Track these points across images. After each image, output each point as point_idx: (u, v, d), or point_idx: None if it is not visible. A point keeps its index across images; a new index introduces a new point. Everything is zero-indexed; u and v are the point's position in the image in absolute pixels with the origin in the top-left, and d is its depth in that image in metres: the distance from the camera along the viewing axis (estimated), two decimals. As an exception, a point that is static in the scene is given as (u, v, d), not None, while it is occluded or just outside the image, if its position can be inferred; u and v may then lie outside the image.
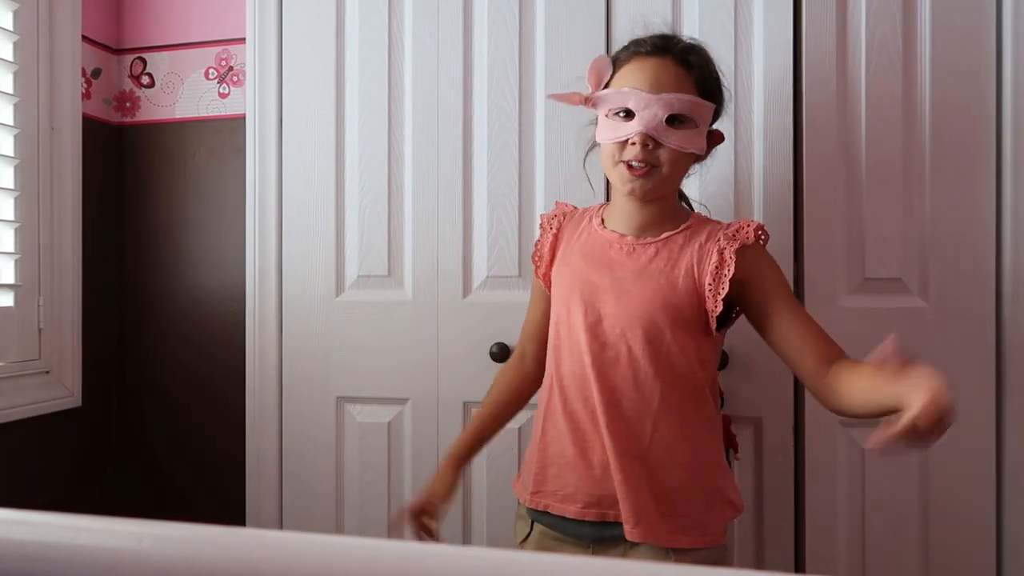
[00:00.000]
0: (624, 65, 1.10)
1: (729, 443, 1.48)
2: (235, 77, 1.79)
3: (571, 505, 1.12)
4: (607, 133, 1.09)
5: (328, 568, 0.38)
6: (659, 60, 1.07)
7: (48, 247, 1.66)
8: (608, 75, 1.10)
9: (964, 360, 1.46)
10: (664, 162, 1.07)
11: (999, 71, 1.45)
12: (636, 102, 1.05)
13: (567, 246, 1.20)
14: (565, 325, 1.14)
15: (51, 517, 0.43)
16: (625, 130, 1.06)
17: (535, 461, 1.16)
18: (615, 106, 1.08)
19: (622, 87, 1.07)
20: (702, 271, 1.08)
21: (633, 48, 1.11)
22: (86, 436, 1.78)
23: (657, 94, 1.04)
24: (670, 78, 1.06)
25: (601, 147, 1.12)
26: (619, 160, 1.08)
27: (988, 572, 1.45)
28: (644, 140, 1.05)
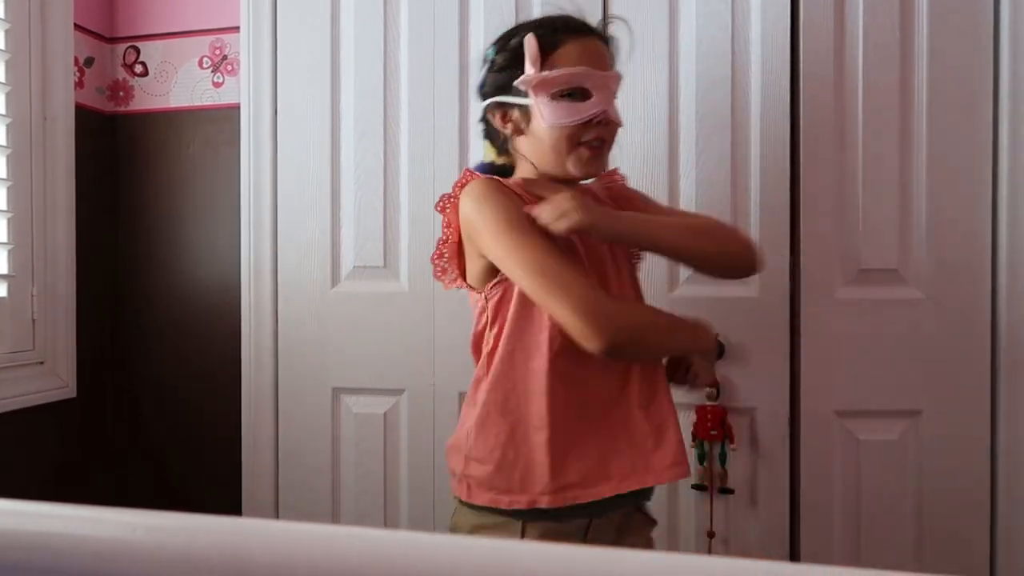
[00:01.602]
0: (562, 45, 1.07)
1: (725, 433, 1.48)
2: (229, 66, 1.77)
3: (604, 485, 1.05)
4: (564, 115, 1.05)
5: (324, 558, 0.38)
6: (596, 40, 1.10)
7: (41, 237, 1.65)
8: (539, 56, 1.06)
9: (960, 350, 1.47)
10: (612, 136, 1.11)
11: (996, 63, 1.45)
12: (594, 81, 1.06)
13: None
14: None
15: (45, 507, 0.42)
16: (587, 109, 1.06)
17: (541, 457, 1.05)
18: (567, 86, 1.05)
19: (572, 67, 1.05)
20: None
21: (560, 27, 1.09)
22: (80, 427, 1.78)
23: (607, 71, 1.08)
24: (609, 57, 1.11)
25: (549, 132, 1.06)
26: (580, 141, 1.07)
27: (982, 560, 1.46)
28: (605, 118, 1.07)
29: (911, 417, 1.49)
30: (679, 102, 1.54)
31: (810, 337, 1.49)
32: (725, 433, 1.48)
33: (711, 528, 1.49)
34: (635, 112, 1.54)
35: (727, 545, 1.52)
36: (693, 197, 1.52)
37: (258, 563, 0.38)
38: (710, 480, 1.49)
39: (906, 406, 1.48)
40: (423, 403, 1.65)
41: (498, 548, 0.39)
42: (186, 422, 1.82)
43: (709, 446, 1.49)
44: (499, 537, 1.02)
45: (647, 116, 1.54)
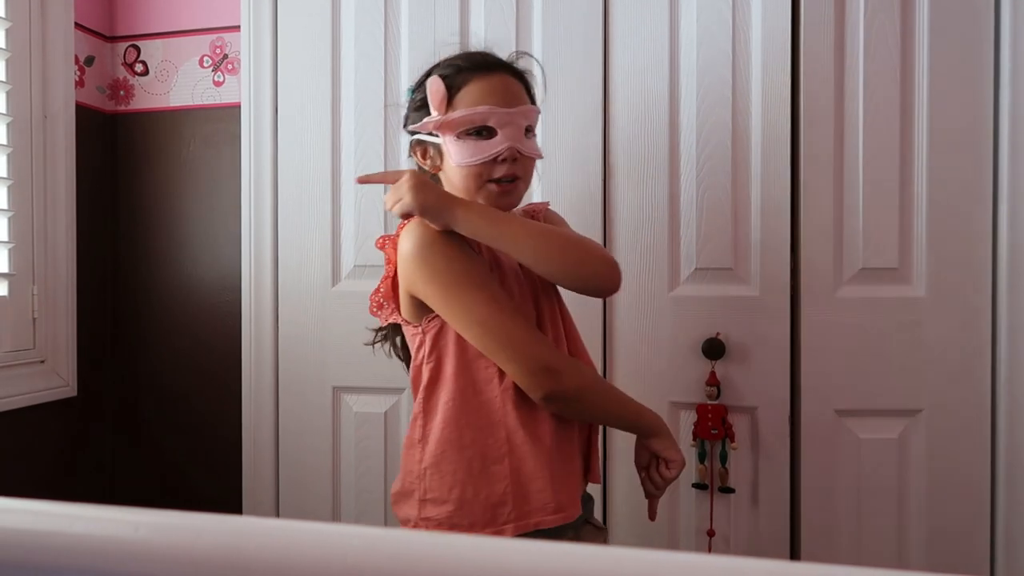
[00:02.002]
0: (466, 85, 1.08)
1: (725, 432, 1.48)
2: (230, 65, 1.77)
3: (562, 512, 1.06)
4: (468, 155, 1.06)
5: (325, 557, 0.38)
6: (502, 76, 1.09)
7: (42, 236, 1.65)
8: (446, 97, 1.08)
9: (960, 349, 1.47)
10: (527, 172, 1.10)
11: (997, 60, 1.45)
12: (497, 119, 1.06)
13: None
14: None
15: (47, 505, 0.42)
16: (491, 148, 1.06)
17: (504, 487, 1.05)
18: (472, 126, 1.06)
19: (475, 106, 1.06)
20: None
21: (466, 67, 1.09)
22: (81, 425, 1.78)
23: (513, 108, 1.07)
24: (517, 92, 1.10)
25: (459, 171, 1.08)
26: (487, 179, 1.07)
27: (982, 558, 1.46)
28: (513, 154, 1.07)
29: (911, 416, 1.48)
30: (679, 102, 1.53)
31: (811, 336, 1.49)
32: (725, 432, 1.48)
33: (711, 527, 1.49)
34: (636, 112, 1.54)
35: (728, 544, 1.52)
36: (693, 197, 1.52)
37: (260, 562, 0.38)
38: (710, 479, 1.49)
39: (907, 405, 1.48)
40: (424, 402, 1.64)
41: (497, 547, 0.39)
42: (186, 421, 1.82)
43: (710, 445, 1.49)
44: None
45: (647, 116, 1.54)
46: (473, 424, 1.06)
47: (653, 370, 1.54)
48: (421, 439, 1.09)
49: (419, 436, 1.09)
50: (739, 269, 1.51)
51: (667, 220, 1.53)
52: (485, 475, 1.06)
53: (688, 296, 1.53)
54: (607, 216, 1.56)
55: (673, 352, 1.53)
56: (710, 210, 1.52)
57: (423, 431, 1.09)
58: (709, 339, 1.49)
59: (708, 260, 1.52)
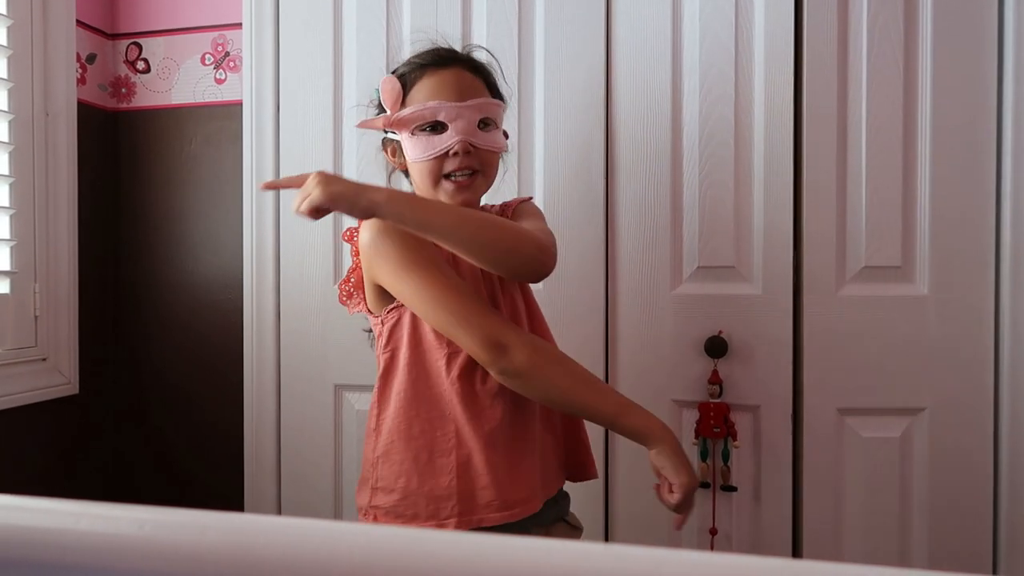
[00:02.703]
0: (419, 81, 1.09)
1: (728, 430, 1.48)
2: (232, 63, 1.77)
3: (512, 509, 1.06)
4: (421, 151, 1.07)
5: (332, 555, 0.37)
6: (454, 70, 1.09)
7: (44, 234, 1.65)
8: (400, 95, 1.09)
9: (963, 347, 1.46)
10: (482, 167, 1.09)
11: (1000, 58, 1.45)
12: (447, 113, 1.06)
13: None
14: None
15: (51, 503, 0.42)
16: (442, 142, 1.06)
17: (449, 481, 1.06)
18: (423, 122, 1.07)
19: (425, 102, 1.06)
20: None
21: (420, 63, 1.11)
22: (83, 423, 1.78)
23: (465, 101, 1.06)
24: (469, 85, 1.09)
25: (415, 168, 1.10)
26: (441, 175, 1.08)
27: (985, 557, 1.46)
28: (465, 147, 1.06)
29: (914, 414, 1.48)
30: (682, 98, 1.53)
31: (813, 334, 1.48)
32: (728, 430, 1.48)
33: (714, 525, 1.49)
34: (638, 110, 1.54)
35: (730, 542, 1.52)
36: (696, 195, 1.52)
37: (266, 560, 0.38)
38: (713, 477, 1.49)
39: (909, 403, 1.48)
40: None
41: (500, 544, 0.39)
42: (188, 418, 1.82)
43: (712, 443, 1.49)
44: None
45: (650, 114, 1.54)
46: (423, 415, 1.08)
47: (655, 368, 1.53)
48: (376, 428, 1.12)
49: (374, 425, 1.12)
50: (741, 267, 1.51)
51: (669, 218, 1.53)
52: (431, 467, 1.07)
53: (690, 294, 1.53)
54: (609, 214, 1.56)
55: (675, 350, 1.53)
56: (712, 208, 1.51)
57: (377, 420, 1.12)
58: (711, 337, 1.49)
59: (710, 258, 1.52)
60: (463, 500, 1.06)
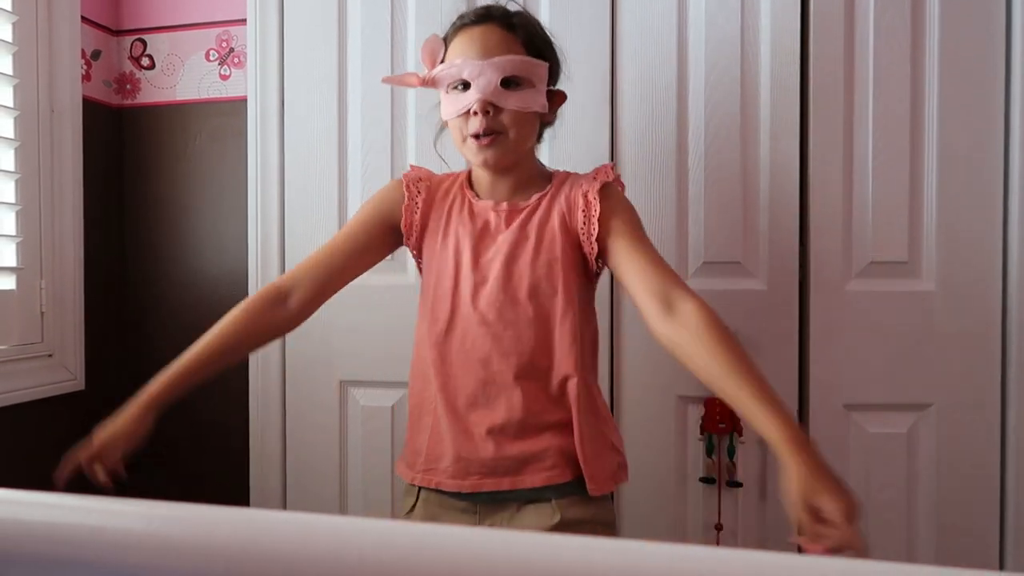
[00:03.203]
0: (453, 39, 1.10)
1: (733, 426, 1.48)
2: (236, 59, 1.77)
3: (466, 480, 1.09)
4: (449, 108, 1.09)
5: (340, 550, 0.37)
6: (484, 27, 1.08)
7: (49, 230, 1.65)
8: (441, 53, 1.10)
9: (970, 343, 1.46)
10: (509, 127, 1.07)
11: (1008, 53, 1.44)
12: (470, 71, 1.05)
13: (439, 214, 1.16)
14: (451, 300, 1.11)
15: (60, 498, 0.42)
16: (465, 100, 1.06)
17: (425, 439, 1.13)
18: (452, 79, 1.08)
19: (454, 60, 1.07)
20: (574, 218, 1.10)
21: (458, 22, 1.11)
22: (89, 419, 1.77)
23: (487, 59, 1.05)
24: (497, 42, 1.07)
25: (450, 126, 1.12)
26: (466, 134, 1.08)
27: (992, 553, 1.46)
28: (484, 107, 1.05)
29: (921, 410, 1.48)
30: (688, 93, 1.53)
31: (819, 330, 1.48)
32: (733, 426, 1.47)
33: (719, 521, 1.49)
34: (643, 104, 1.54)
35: (735, 538, 1.51)
36: (702, 190, 1.51)
37: (274, 554, 0.38)
38: (718, 473, 1.49)
39: (916, 399, 1.48)
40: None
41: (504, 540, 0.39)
42: (194, 414, 1.82)
43: (717, 439, 1.49)
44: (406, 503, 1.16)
45: (655, 108, 1.53)
46: (417, 375, 1.16)
47: (661, 364, 1.53)
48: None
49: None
50: (748, 263, 1.51)
51: (675, 214, 1.53)
52: (417, 425, 1.15)
53: (696, 290, 1.49)
54: (615, 210, 1.55)
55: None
56: (718, 204, 1.51)
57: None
58: (717, 333, 1.49)
59: (716, 254, 1.52)
60: (429, 460, 1.12)
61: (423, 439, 1.13)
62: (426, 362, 1.13)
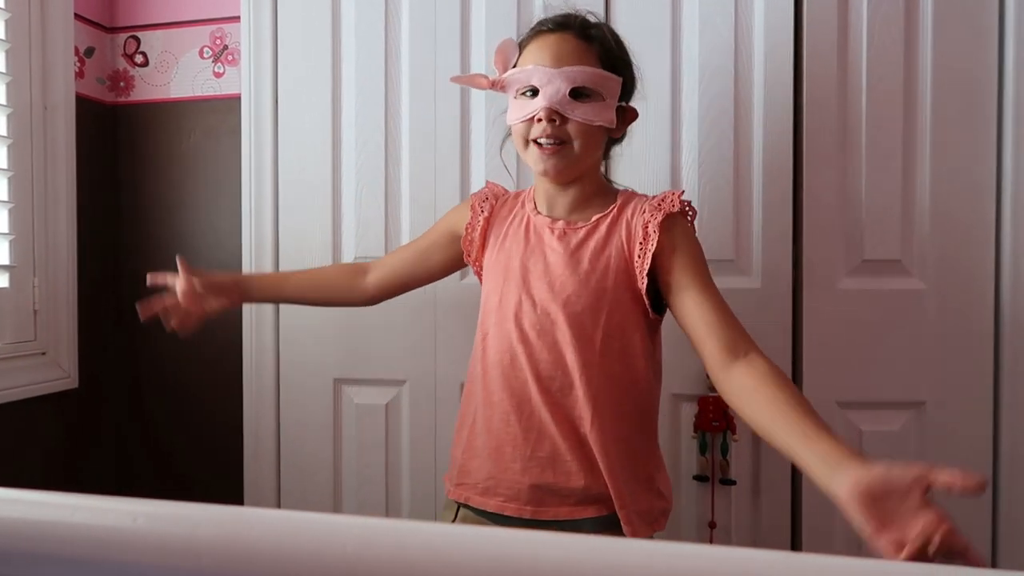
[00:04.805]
0: (528, 44, 1.09)
1: (727, 424, 1.48)
2: (230, 56, 1.77)
3: (491, 499, 1.09)
4: (515, 113, 1.08)
5: (323, 547, 0.37)
6: (560, 35, 1.06)
7: (43, 228, 1.64)
8: (515, 58, 1.09)
9: (963, 341, 1.46)
10: (574, 137, 1.05)
11: (1000, 52, 1.44)
12: (540, 78, 1.03)
13: (499, 231, 1.17)
14: (496, 313, 1.11)
15: (46, 496, 0.42)
16: (531, 107, 1.04)
17: (459, 453, 1.15)
18: (521, 85, 1.06)
19: (525, 65, 1.06)
20: (632, 249, 1.06)
21: (536, 28, 1.10)
22: (83, 417, 1.78)
23: (558, 68, 1.03)
24: (571, 51, 1.04)
25: (513, 131, 1.10)
26: (529, 140, 1.07)
27: (984, 551, 1.46)
28: (549, 115, 1.03)
29: (914, 408, 1.48)
30: (681, 92, 1.53)
31: (812, 328, 1.48)
32: (727, 424, 1.48)
33: (713, 519, 1.50)
34: (638, 103, 1.53)
35: (729, 535, 1.52)
36: (696, 187, 1.52)
37: (259, 551, 0.38)
38: (712, 471, 1.49)
39: (909, 397, 1.48)
40: (425, 394, 1.65)
41: (498, 538, 0.39)
42: (188, 413, 1.82)
43: (711, 437, 1.49)
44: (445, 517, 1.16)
45: (649, 106, 1.53)
46: (468, 390, 1.16)
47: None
48: None
49: None
50: (741, 261, 1.51)
51: (669, 212, 1.53)
52: (459, 435, 1.17)
53: (690, 288, 1.52)
54: (608, 208, 1.55)
55: (675, 344, 1.52)
56: (712, 202, 1.51)
57: None
58: (711, 331, 1.49)
59: (710, 252, 1.49)
60: (462, 474, 1.13)
61: (459, 452, 1.15)
62: (474, 375, 1.14)
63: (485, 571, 0.37)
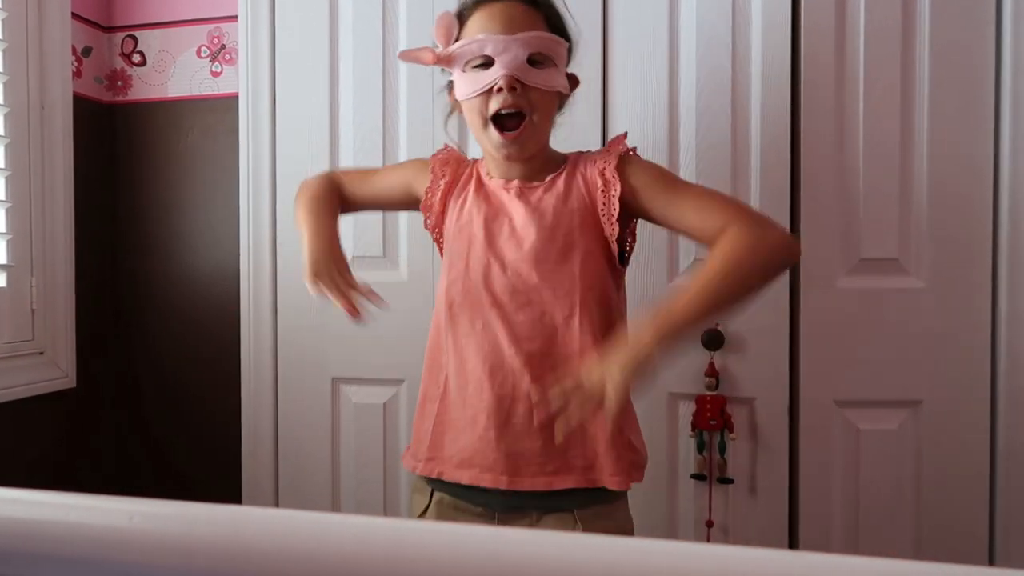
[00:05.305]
0: (471, 15, 1.04)
1: (724, 423, 1.48)
2: (227, 55, 1.77)
3: (466, 471, 1.06)
4: (468, 87, 1.02)
5: (320, 546, 0.37)
6: (506, 2, 1.03)
7: (40, 227, 1.64)
8: (456, 31, 1.04)
9: (960, 340, 1.46)
10: (535, 107, 1.02)
11: (998, 49, 1.44)
12: (494, 47, 0.99)
13: (458, 196, 1.13)
14: (463, 281, 1.07)
15: (41, 495, 0.42)
16: (488, 77, 1.00)
17: (428, 426, 1.10)
18: (471, 56, 1.02)
19: (475, 35, 1.01)
20: (593, 196, 1.05)
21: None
22: (81, 416, 1.78)
23: (514, 34, 0.99)
24: (521, 17, 1.02)
25: (465, 108, 1.06)
26: (487, 115, 1.02)
27: (981, 549, 1.46)
28: (510, 83, 0.99)
29: (911, 407, 1.48)
30: (679, 89, 1.53)
31: (810, 326, 1.48)
32: (724, 422, 1.48)
33: (710, 517, 1.50)
34: (635, 99, 1.54)
35: (726, 534, 1.52)
36: (693, 186, 1.51)
37: (256, 551, 0.38)
38: (709, 469, 1.49)
39: (906, 396, 1.48)
40: (423, 393, 1.64)
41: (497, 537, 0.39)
42: (186, 412, 1.82)
43: (708, 435, 1.50)
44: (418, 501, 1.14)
45: (646, 103, 1.53)
46: (429, 362, 1.13)
47: (652, 361, 1.53)
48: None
49: None
50: (738, 260, 1.51)
51: (666, 211, 1.53)
52: (423, 411, 1.14)
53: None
54: (606, 207, 1.55)
55: (672, 343, 1.53)
56: (710, 200, 1.51)
57: None
58: (708, 330, 1.49)
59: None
60: (433, 448, 1.10)
61: (427, 426, 1.10)
62: (439, 347, 1.10)
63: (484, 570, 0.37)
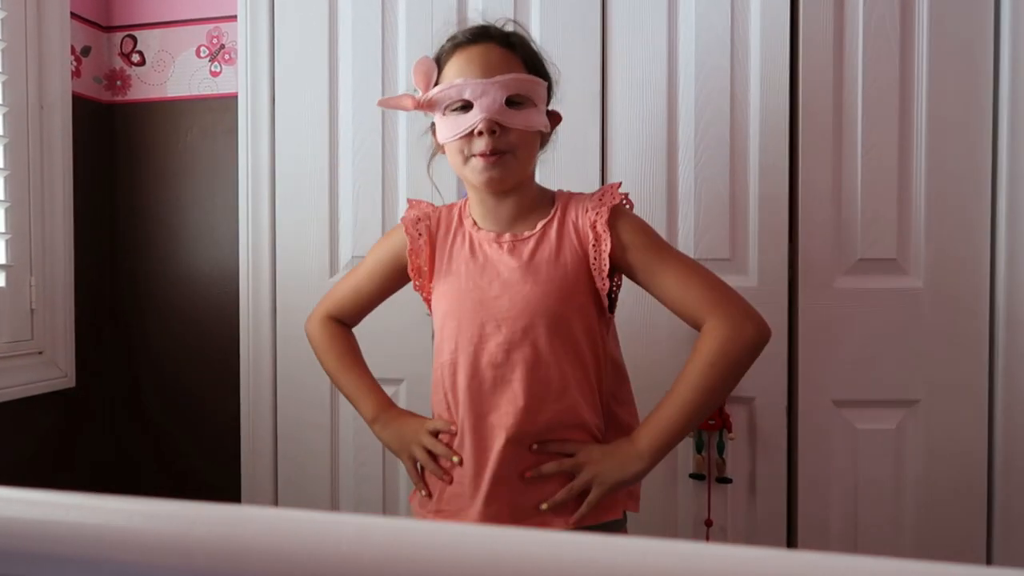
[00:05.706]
0: (448, 60, 1.06)
1: (723, 422, 1.49)
2: (227, 55, 1.77)
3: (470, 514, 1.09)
4: (449, 131, 1.04)
5: (319, 545, 0.38)
6: (483, 46, 1.04)
7: (39, 227, 1.64)
8: (435, 75, 1.06)
9: (958, 340, 1.47)
10: (514, 146, 1.04)
11: (996, 52, 1.45)
12: (472, 91, 1.01)
13: (443, 252, 1.13)
14: (455, 340, 1.08)
15: (41, 494, 0.42)
16: (467, 121, 1.02)
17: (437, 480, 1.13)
18: (451, 101, 1.03)
19: (453, 80, 1.03)
20: (586, 251, 1.06)
21: (454, 42, 1.07)
22: (80, 416, 1.78)
23: (491, 77, 1.01)
24: (498, 60, 1.03)
25: (447, 149, 1.08)
26: (468, 155, 1.04)
27: (979, 549, 1.47)
28: (490, 126, 1.01)
29: (909, 407, 1.49)
30: (678, 91, 1.53)
31: (808, 326, 1.49)
32: (723, 422, 1.48)
33: (709, 517, 1.50)
34: (633, 102, 1.54)
35: (725, 534, 1.52)
36: (691, 187, 1.52)
37: (255, 551, 0.38)
38: (708, 469, 1.50)
39: (904, 396, 1.48)
40: (422, 392, 1.64)
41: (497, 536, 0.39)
42: (185, 411, 1.82)
43: (707, 435, 1.50)
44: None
45: (645, 106, 1.53)
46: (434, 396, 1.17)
47: (651, 361, 1.53)
48: None
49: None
50: (737, 259, 1.51)
51: (665, 211, 1.53)
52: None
53: (686, 287, 1.52)
54: (605, 207, 1.55)
55: (671, 343, 1.53)
56: (708, 201, 1.51)
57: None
58: (707, 330, 1.49)
59: (706, 251, 1.52)
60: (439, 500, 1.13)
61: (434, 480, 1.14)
62: (449, 401, 1.11)
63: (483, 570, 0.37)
